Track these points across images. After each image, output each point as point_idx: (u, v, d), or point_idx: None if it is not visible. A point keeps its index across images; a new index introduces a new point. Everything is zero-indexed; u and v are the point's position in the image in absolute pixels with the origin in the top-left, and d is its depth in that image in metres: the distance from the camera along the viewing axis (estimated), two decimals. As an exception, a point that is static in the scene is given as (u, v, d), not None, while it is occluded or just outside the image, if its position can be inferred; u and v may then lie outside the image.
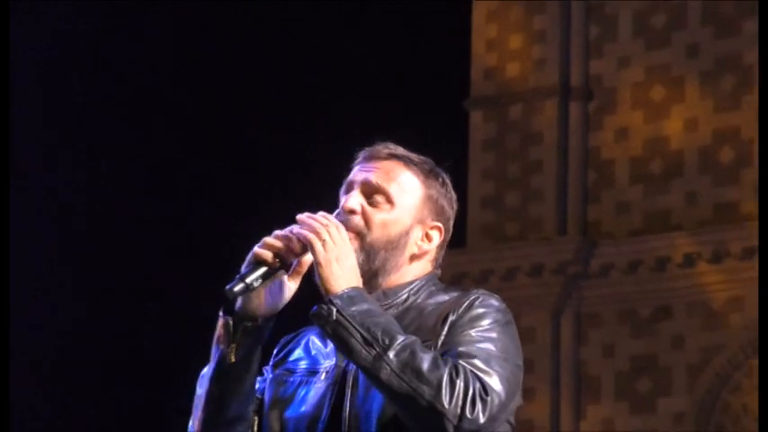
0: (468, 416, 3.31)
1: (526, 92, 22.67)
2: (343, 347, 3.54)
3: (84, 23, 33.41)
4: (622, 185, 22.33)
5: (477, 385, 3.41)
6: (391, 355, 3.44)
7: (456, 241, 15.94)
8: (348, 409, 3.66)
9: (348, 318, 3.48)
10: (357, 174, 3.92)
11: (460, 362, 3.46)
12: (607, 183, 22.39)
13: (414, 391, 3.39)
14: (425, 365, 3.43)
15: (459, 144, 23.64)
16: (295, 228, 3.71)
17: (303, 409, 3.83)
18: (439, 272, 4.00)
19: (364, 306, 3.58)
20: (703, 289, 21.65)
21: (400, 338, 3.52)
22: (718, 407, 21.47)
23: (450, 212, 3.97)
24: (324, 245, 3.57)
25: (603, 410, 21.87)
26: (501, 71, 23.09)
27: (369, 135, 4.01)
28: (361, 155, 3.93)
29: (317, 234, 3.56)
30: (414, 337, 3.55)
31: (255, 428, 3.91)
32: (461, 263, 21.48)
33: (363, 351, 3.45)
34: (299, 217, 3.70)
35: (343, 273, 3.59)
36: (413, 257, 3.85)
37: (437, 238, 3.86)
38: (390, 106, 24.94)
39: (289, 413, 3.87)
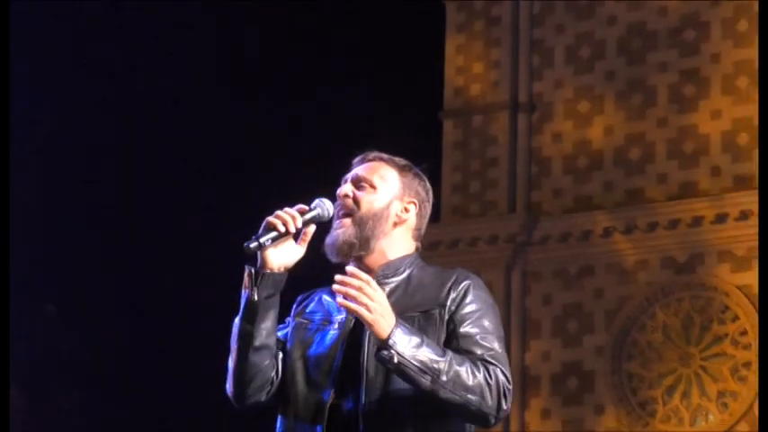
0: (504, 408, 4.05)
1: (485, 106, 23.82)
2: (406, 380, 4.04)
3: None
4: (557, 176, 23.40)
5: (502, 378, 4.08)
6: (444, 378, 3.97)
7: (433, 218, 18.36)
8: (366, 354, 4.23)
9: (406, 359, 3.94)
10: (350, 172, 4.56)
11: (486, 359, 4.13)
12: (545, 174, 23.46)
13: (465, 401, 4.02)
14: (468, 378, 4.05)
15: (435, 146, 24.42)
16: (319, 203, 4.40)
17: (320, 350, 4.36)
18: (418, 245, 4.57)
19: (411, 338, 4.05)
20: (617, 254, 22.78)
21: (442, 362, 4.06)
22: (628, 342, 22.56)
23: (424, 194, 4.59)
24: (367, 308, 3.98)
25: (543, 345, 22.94)
26: (466, 90, 24.09)
27: (366, 140, 4.79)
28: (355, 161, 4.61)
29: (358, 302, 4.01)
30: (450, 355, 4.11)
31: (279, 366, 4.42)
32: (437, 234, 22.26)
33: (422, 380, 3.95)
34: (337, 285, 4.12)
35: (386, 320, 4.00)
36: (395, 224, 4.39)
37: (413, 209, 4.45)
38: (383, 118, 25.35)
39: (309, 352, 4.38)
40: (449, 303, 4.21)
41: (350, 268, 4.13)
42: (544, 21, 24.60)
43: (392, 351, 3.89)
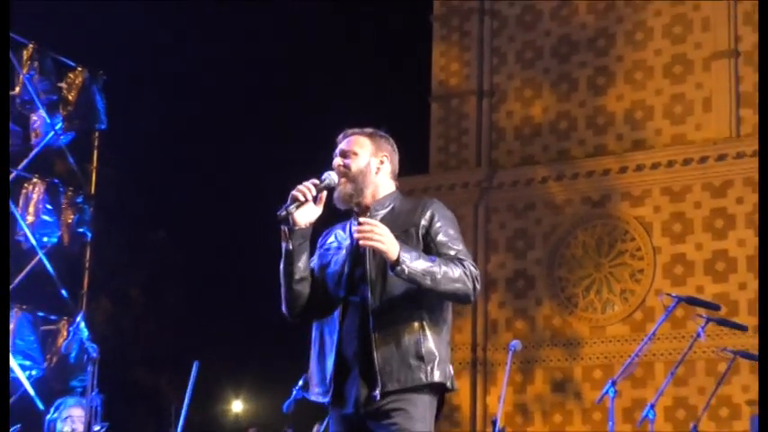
0: (477, 288, 4.61)
1: (460, 93, 25.10)
2: (413, 283, 4.51)
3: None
4: (509, 141, 24.67)
5: (472, 269, 4.59)
6: (438, 277, 4.49)
7: (423, 170, 20.76)
8: (369, 265, 4.71)
9: (413, 270, 4.44)
10: (338, 147, 4.96)
11: (459, 257, 4.64)
12: (501, 139, 24.76)
13: (455, 290, 4.55)
14: (453, 273, 4.55)
15: (425, 120, 25.40)
16: (330, 175, 4.84)
17: (335, 267, 4.82)
18: (397, 184, 5.02)
19: (412, 254, 4.51)
20: (551, 195, 24.03)
21: (435, 266, 4.54)
22: (558, 255, 24.03)
23: (390, 148, 5.01)
24: (380, 242, 4.44)
25: (499, 258, 24.15)
26: (447, 82, 25.37)
27: (378, 115, 5.08)
28: (340, 136, 5.00)
29: (373, 239, 4.44)
30: (438, 260, 4.58)
31: (311, 286, 4.85)
32: (427, 181, 23.73)
33: (425, 281, 4.46)
34: (356, 232, 4.56)
35: (394, 247, 4.45)
36: (377, 173, 4.86)
37: (387, 161, 4.93)
38: (391, 101, 26.98)
39: (328, 270, 4.84)
40: (421, 222, 4.76)
41: (362, 219, 4.60)
42: (501, 33, 25.70)
43: (403, 266, 4.43)
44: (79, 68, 16.00)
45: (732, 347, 11.86)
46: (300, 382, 9.73)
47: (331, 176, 4.77)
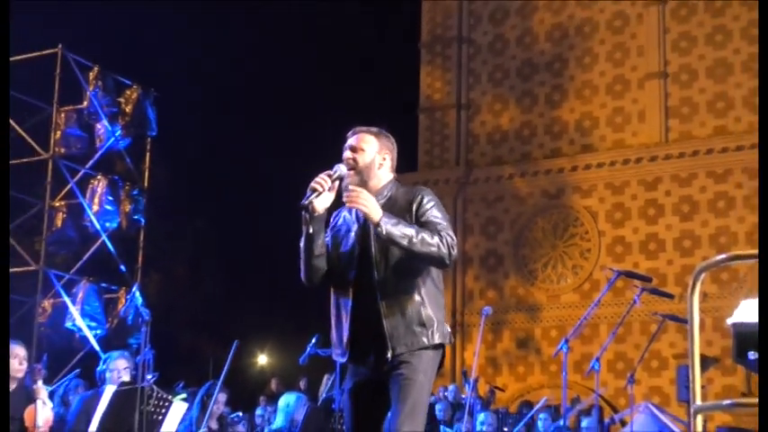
0: (453, 253, 4.48)
1: (443, 106, 24.82)
2: (393, 244, 4.45)
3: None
4: (482, 145, 24.45)
5: (449, 238, 4.48)
6: (415, 240, 4.40)
7: (413, 169, 20.73)
8: (373, 246, 4.59)
9: (391, 229, 4.36)
10: (347, 142, 4.80)
11: (438, 229, 4.51)
12: (476, 144, 24.54)
13: (429, 252, 4.44)
14: (430, 238, 4.44)
15: (415, 129, 25.14)
16: (340, 167, 4.69)
17: (345, 248, 4.71)
18: (395, 175, 4.88)
19: (392, 220, 4.42)
20: (517, 189, 23.73)
21: (413, 230, 4.44)
22: (522, 237, 23.85)
23: (392, 146, 4.87)
24: (364, 205, 4.40)
25: (474, 240, 23.97)
26: (432, 97, 25.08)
27: (377, 123, 4.84)
28: (350, 132, 4.85)
29: (359, 202, 4.42)
30: (417, 227, 4.47)
31: (326, 260, 4.71)
32: (416, 177, 22.84)
33: (402, 242, 4.38)
34: (346, 196, 4.52)
35: (376, 211, 4.40)
36: (379, 168, 4.74)
37: (388, 158, 4.79)
38: (386, 115, 24.51)
39: (340, 250, 4.72)
40: (414, 207, 4.65)
41: (351, 186, 4.60)
42: (475, 57, 25.42)
43: (382, 227, 4.37)
44: (134, 86, 16.12)
45: (661, 312, 11.87)
46: (313, 341, 9.78)
47: (341, 168, 4.67)
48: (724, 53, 22.62)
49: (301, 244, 4.64)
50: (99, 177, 15.61)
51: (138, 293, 14.83)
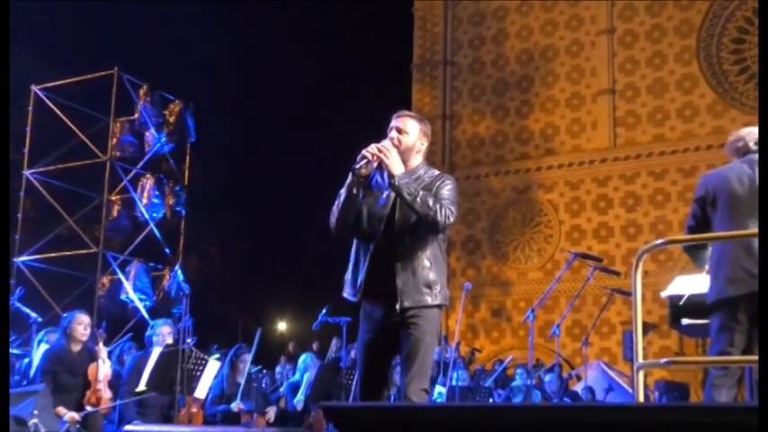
0: (447, 223, 4.35)
1: (431, 117, 22.51)
2: (399, 195, 4.37)
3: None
4: (463, 149, 24.33)
5: (447, 209, 4.35)
6: (418, 199, 4.30)
7: None
8: (398, 210, 4.45)
9: (402, 183, 4.30)
10: (393, 123, 4.65)
11: (442, 201, 4.36)
12: (458, 148, 24.41)
13: (426, 213, 4.31)
14: (430, 202, 4.33)
15: None
16: (376, 145, 4.50)
17: (377, 208, 4.55)
18: (425, 157, 4.73)
19: (406, 179, 4.37)
20: (491, 185, 23.66)
21: (421, 192, 4.36)
22: (496, 225, 23.59)
23: (429, 133, 4.77)
24: (387, 156, 4.37)
25: (457, 227, 23.12)
26: (422, 110, 24.15)
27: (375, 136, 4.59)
28: (394, 116, 4.69)
29: (386, 156, 4.39)
30: (424, 191, 4.36)
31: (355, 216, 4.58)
32: None
33: (407, 196, 4.29)
34: (370, 151, 4.39)
35: (397, 166, 4.36)
36: (417, 151, 4.62)
37: (426, 143, 4.69)
38: (384, 124, 27.79)
39: (373, 208, 4.56)
40: (435, 186, 4.48)
41: (384, 142, 4.52)
42: (457, 77, 25.30)
43: (396, 180, 4.33)
44: (177, 101, 16.15)
45: (610, 286, 11.97)
46: (324, 311, 9.77)
47: (387, 144, 4.53)
48: (661, 74, 22.64)
49: (341, 198, 4.50)
50: (147, 176, 15.77)
51: (179, 271, 14.84)
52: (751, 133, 4.92)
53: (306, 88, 31.05)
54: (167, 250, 16.09)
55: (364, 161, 4.45)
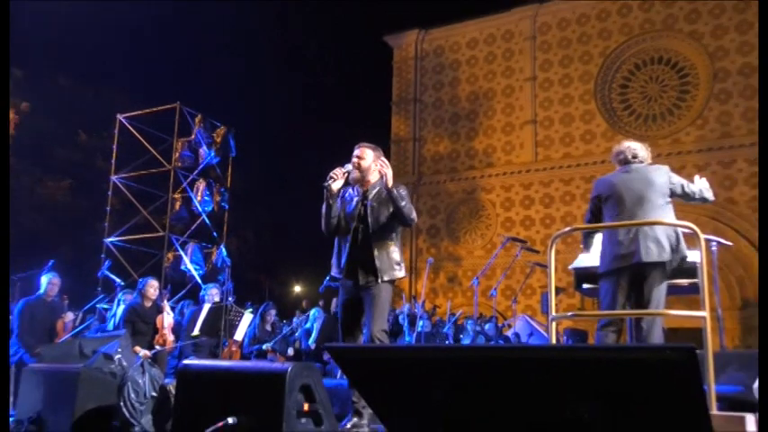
0: (414, 220, 4.32)
1: (404, 139, 24.10)
2: (393, 200, 4.22)
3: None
4: (428, 162, 23.79)
5: (414, 213, 4.32)
6: (406, 205, 4.23)
7: None
8: (370, 213, 4.33)
9: (395, 194, 4.20)
10: (355, 152, 4.48)
11: (409, 206, 4.27)
12: (424, 162, 23.93)
13: (409, 215, 4.26)
14: (407, 208, 4.25)
15: (388, 153, 23.73)
16: (348, 166, 4.39)
17: (351, 210, 4.42)
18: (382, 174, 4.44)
19: (395, 192, 4.23)
20: (448, 190, 22.40)
21: (406, 200, 4.28)
22: (453, 217, 22.92)
23: (381, 156, 4.53)
24: (389, 176, 4.23)
25: (423, 218, 22.86)
26: (399, 134, 24.13)
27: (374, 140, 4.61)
28: (357, 146, 4.51)
29: (386, 172, 4.24)
30: (406, 201, 4.25)
31: (337, 219, 4.38)
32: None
33: (400, 202, 4.20)
34: (334, 172, 4.24)
35: (391, 181, 4.22)
36: (372, 172, 4.43)
37: (379, 164, 4.45)
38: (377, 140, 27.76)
39: (347, 211, 4.44)
40: (393, 193, 4.31)
41: (384, 165, 4.38)
42: (424, 111, 24.83)
43: (393, 189, 4.27)
44: (222, 126, 15.95)
45: (532, 261, 11.94)
46: (328, 277, 9.71)
47: (349, 167, 4.46)
48: (569, 109, 22.62)
49: (323, 209, 4.39)
50: (200, 180, 15.59)
51: (223, 249, 14.75)
52: (629, 147, 4.82)
53: (317, 117, 31.60)
54: (215, 234, 15.88)
55: (330, 180, 4.33)
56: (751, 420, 3.14)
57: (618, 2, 22.23)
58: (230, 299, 8.04)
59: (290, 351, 9.28)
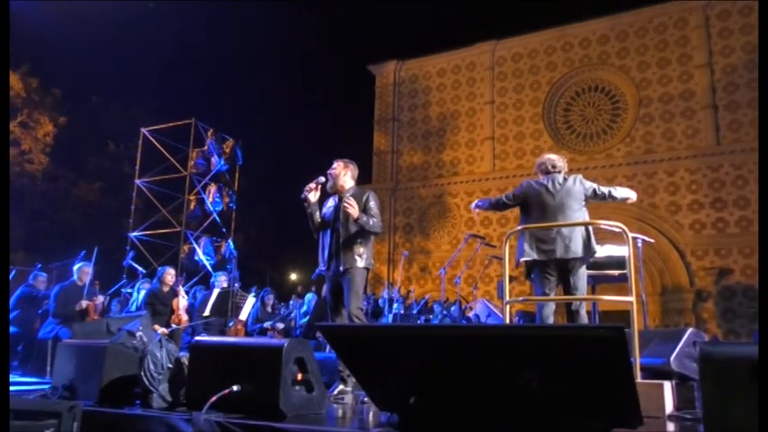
0: (380, 230, 4.24)
1: (384, 152, 23.48)
2: (359, 225, 4.15)
3: None
4: (404, 171, 23.51)
5: (380, 223, 4.26)
6: (370, 225, 4.17)
7: (370, 182, 20.51)
8: (342, 217, 4.24)
9: (362, 221, 4.14)
10: (332, 166, 4.42)
11: (373, 215, 4.22)
12: (401, 171, 23.59)
13: (373, 230, 4.21)
14: (374, 223, 4.19)
15: (371, 163, 23.91)
16: (321, 178, 4.33)
17: (328, 214, 4.39)
18: (355, 183, 4.48)
19: (363, 215, 4.17)
20: (419, 194, 22.44)
21: (367, 218, 4.18)
22: (423, 217, 22.62)
23: (353, 168, 4.47)
24: (353, 211, 4.10)
25: (399, 218, 22.38)
26: (380, 148, 23.59)
27: (352, 156, 4.53)
28: (333, 162, 4.42)
29: (350, 210, 4.10)
30: (368, 216, 4.17)
31: (320, 222, 4.40)
32: (372, 187, 19.34)
33: (365, 226, 4.14)
34: (346, 204, 4.15)
35: (356, 212, 4.14)
36: (345, 180, 4.38)
37: (350, 175, 4.43)
38: (355, 157, 26.21)
39: (325, 215, 4.41)
40: (363, 201, 4.31)
41: (345, 199, 4.27)
42: (401, 128, 24.48)
43: (359, 219, 4.21)
44: (230, 139, 15.79)
45: (490, 254, 11.93)
46: (318, 268, 9.62)
47: (323, 179, 4.45)
48: (521, 128, 22.54)
49: (308, 216, 4.42)
50: (212, 185, 15.44)
51: (231, 243, 14.52)
52: (549, 159, 4.77)
53: (313, 133, 32.05)
54: (224, 230, 15.70)
55: (307, 192, 4.31)
56: (668, 386, 3.18)
57: (562, 40, 22.40)
58: (236, 285, 7.94)
59: (280, 325, 9.10)
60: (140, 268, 9.82)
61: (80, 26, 19.79)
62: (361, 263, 4.30)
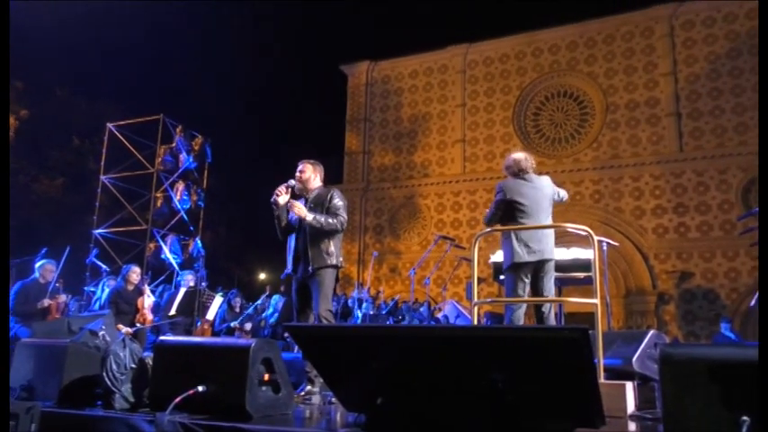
0: (343, 227, 4.18)
1: (356, 153, 23.45)
2: (312, 226, 4.14)
3: None
4: (375, 172, 23.36)
5: (341, 218, 4.22)
6: (324, 224, 4.12)
7: (341, 182, 20.49)
8: (306, 226, 4.24)
9: (311, 222, 4.10)
10: (298, 167, 4.41)
11: (337, 213, 4.19)
12: (372, 172, 23.45)
13: (330, 228, 4.15)
14: (330, 221, 4.13)
15: (342, 164, 23.85)
16: (291, 181, 4.32)
17: (292, 220, 4.37)
18: (323, 183, 4.48)
19: (312, 215, 4.13)
20: (392, 195, 22.59)
21: (323, 217, 4.13)
22: (394, 217, 22.57)
23: (321, 169, 4.45)
24: (299, 209, 4.12)
25: (370, 218, 22.39)
26: (351, 148, 23.50)
27: (325, 157, 4.67)
28: (299, 163, 4.40)
29: (295, 211, 4.13)
30: (326, 216, 4.11)
31: (287, 225, 4.35)
32: (342, 187, 21.11)
33: (317, 225, 4.11)
34: (290, 206, 4.16)
35: (305, 213, 4.13)
36: (313, 180, 4.39)
37: (318, 176, 4.42)
38: (328, 157, 24.48)
39: (292, 221, 4.39)
40: (327, 199, 4.30)
41: (292, 201, 4.31)
42: (372, 129, 24.44)
43: (307, 220, 4.19)
44: (199, 136, 15.61)
45: (460, 255, 12.03)
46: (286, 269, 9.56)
47: (292, 182, 4.45)
48: (491, 131, 22.76)
49: (275, 221, 4.42)
50: (180, 182, 15.23)
51: (198, 241, 14.36)
52: (518, 160, 4.80)
53: (283, 132, 31.53)
54: (191, 228, 15.51)
55: (276, 196, 4.32)
56: (629, 387, 3.24)
57: (532, 45, 22.63)
58: (203, 284, 7.81)
59: (248, 326, 9.06)
60: (104, 266, 9.64)
61: (44, 16, 19.38)
62: (330, 260, 4.28)
